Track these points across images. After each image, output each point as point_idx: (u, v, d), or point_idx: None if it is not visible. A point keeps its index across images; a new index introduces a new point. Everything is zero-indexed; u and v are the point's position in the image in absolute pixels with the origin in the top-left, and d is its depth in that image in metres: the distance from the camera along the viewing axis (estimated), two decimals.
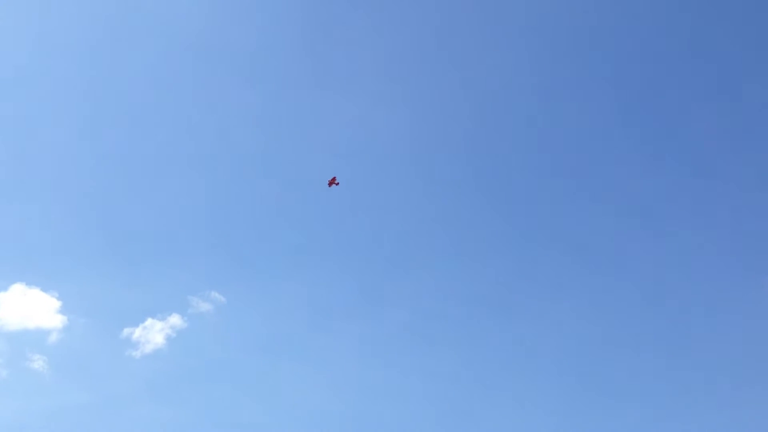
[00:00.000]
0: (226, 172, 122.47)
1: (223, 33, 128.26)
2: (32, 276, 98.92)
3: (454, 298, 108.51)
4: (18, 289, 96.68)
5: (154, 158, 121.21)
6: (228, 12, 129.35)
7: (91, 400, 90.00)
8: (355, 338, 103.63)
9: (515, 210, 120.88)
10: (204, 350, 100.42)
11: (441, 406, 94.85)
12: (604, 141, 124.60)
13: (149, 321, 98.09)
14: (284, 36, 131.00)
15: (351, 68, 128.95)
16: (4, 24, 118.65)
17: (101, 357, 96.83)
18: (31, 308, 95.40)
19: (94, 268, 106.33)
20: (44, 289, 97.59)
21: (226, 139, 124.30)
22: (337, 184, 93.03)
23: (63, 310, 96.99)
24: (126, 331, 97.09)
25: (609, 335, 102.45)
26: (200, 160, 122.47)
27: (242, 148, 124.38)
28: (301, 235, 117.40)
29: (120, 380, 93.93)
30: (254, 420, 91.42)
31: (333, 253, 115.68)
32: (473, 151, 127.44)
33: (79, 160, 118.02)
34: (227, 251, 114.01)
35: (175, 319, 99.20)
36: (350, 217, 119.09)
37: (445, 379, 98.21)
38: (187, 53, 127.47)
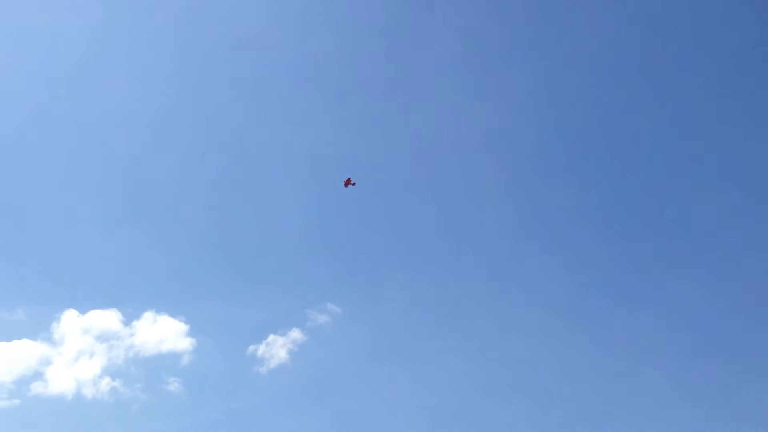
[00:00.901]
0: (328, 184, 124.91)
1: (311, 44, 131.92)
2: (160, 303, 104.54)
3: (566, 292, 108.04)
4: (149, 316, 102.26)
5: (258, 178, 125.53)
6: (312, 23, 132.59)
7: (224, 417, 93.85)
8: (473, 338, 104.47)
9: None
10: (326, 361, 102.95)
11: (564, 404, 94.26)
12: None
13: (271, 337, 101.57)
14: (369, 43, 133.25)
15: (438, 69, 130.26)
16: (120, 58, 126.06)
17: (230, 375, 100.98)
18: (162, 334, 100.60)
19: (214, 291, 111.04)
20: (172, 315, 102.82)
21: (324, 149, 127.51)
22: (353, 184, 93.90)
23: (191, 333, 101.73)
24: (251, 348, 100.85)
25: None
26: (302, 175, 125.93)
27: (341, 158, 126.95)
28: (410, 241, 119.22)
29: (249, 396, 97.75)
30: (380, 427, 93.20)
31: (443, 256, 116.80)
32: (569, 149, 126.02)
33: (188, 187, 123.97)
34: (338, 263, 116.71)
35: (296, 334, 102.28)
36: (456, 220, 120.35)
37: (559, 375, 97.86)
38: (276, 68, 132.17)
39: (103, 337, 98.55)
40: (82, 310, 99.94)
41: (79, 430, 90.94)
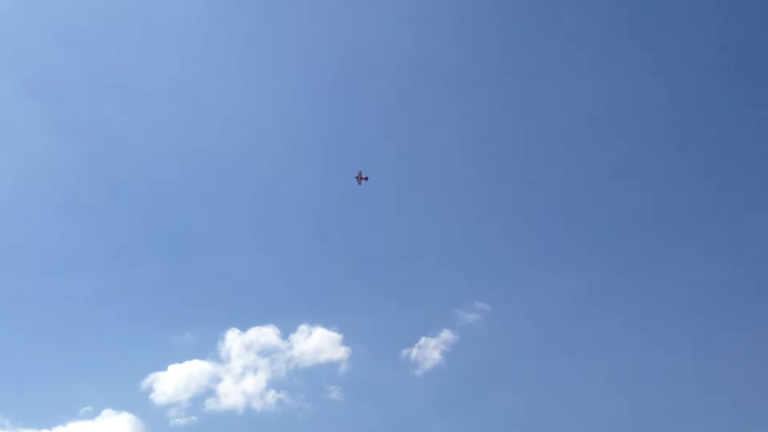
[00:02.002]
0: (466, 183, 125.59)
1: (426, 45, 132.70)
2: (313, 316, 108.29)
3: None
4: (304, 329, 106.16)
5: (391, 184, 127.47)
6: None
7: (386, 421, 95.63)
8: (624, 326, 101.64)
9: None
10: (480, 360, 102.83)
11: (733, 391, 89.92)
12: None
13: (423, 339, 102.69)
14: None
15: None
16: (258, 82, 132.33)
17: (387, 380, 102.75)
18: (318, 345, 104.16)
19: (363, 300, 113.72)
20: (325, 326, 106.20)
21: (453, 151, 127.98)
22: (366, 179, 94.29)
23: (345, 342, 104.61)
24: (404, 352, 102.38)
25: None
26: (436, 177, 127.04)
27: (472, 158, 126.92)
28: (546, 232, 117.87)
29: (408, 399, 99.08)
30: (541, 423, 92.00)
31: (584, 245, 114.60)
32: None
33: (325, 202, 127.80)
34: (483, 261, 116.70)
35: (447, 334, 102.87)
36: (593, 211, 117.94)
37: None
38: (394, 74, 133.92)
39: (265, 352, 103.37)
40: (243, 329, 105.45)
41: None
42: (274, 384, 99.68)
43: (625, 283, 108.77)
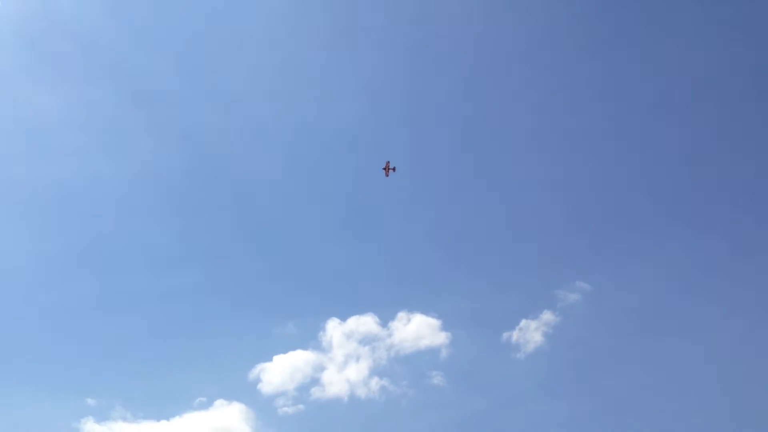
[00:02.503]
0: (556, 160, 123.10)
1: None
2: (411, 303, 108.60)
3: None
4: (402, 316, 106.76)
5: (482, 163, 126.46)
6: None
7: (491, 405, 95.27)
8: (737, 302, 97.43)
9: None
10: (583, 341, 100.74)
11: None
12: None
13: (523, 322, 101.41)
14: None
15: None
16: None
17: (489, 364, 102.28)
18: (418, 331, 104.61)
19: (460, 284, 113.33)
20: (424, 312, 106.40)
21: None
22: (393, 169, 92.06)
23: (444, 328, 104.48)
24: (504, 335, 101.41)
25: None
26: (526, 156, 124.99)
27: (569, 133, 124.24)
28: (644, 207, 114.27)
29: (511, 382, 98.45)
30: (649, 403, 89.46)
31: (686, 219, 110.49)
32: None
33: (412, 191, 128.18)
34: (581, 240, 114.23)
35: (548, 316, 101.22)
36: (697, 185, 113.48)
37: None
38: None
39: (365, 341, 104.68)
40: (343, 318, 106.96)
41: (359, 429, 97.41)
42: (376, 371, 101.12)
43: (737, 256, 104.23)
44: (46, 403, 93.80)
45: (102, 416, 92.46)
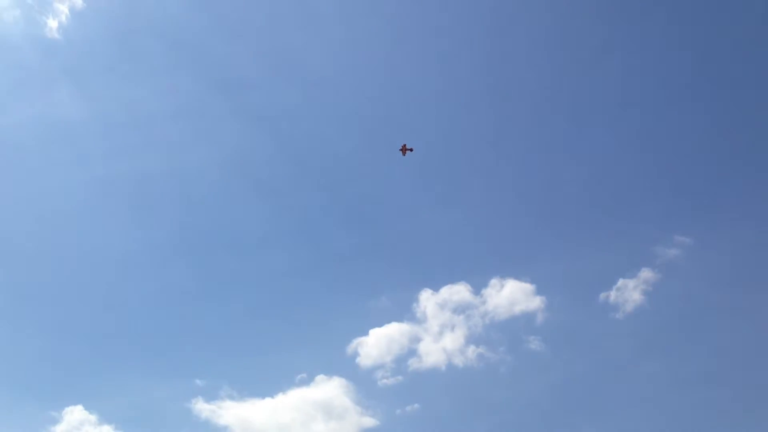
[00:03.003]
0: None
1: None
2: (503, 269, 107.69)
3: None
4: (495, 283, 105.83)
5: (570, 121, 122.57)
6: None
7: (591, 368, 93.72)
8: None
9: None
10: (686, 297, 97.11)
11: None
12: None
13: (621, 281, 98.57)
14: None
15: None
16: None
17: (587, 325, 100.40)
18: (511, 297, 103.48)
19: (552, 246, 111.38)
20: (516, 278, 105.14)
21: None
22: (411, 150, 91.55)
23: (539, 292, 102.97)
24: (601, 296, 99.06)
25: None
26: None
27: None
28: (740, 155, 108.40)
29: (611, 343, 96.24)
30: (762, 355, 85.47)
31: None
32: None
33: (495, 148, 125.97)
34: (679, 192, 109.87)
35: (647, 273, 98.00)
36: None
37: None
38: None
39: (459, 309, 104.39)
40: (435, 288, 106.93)
41: (459, 397, 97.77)
42: (472, 339, 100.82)
43: None
44: (158, 385, 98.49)
45: (210, 396, 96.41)
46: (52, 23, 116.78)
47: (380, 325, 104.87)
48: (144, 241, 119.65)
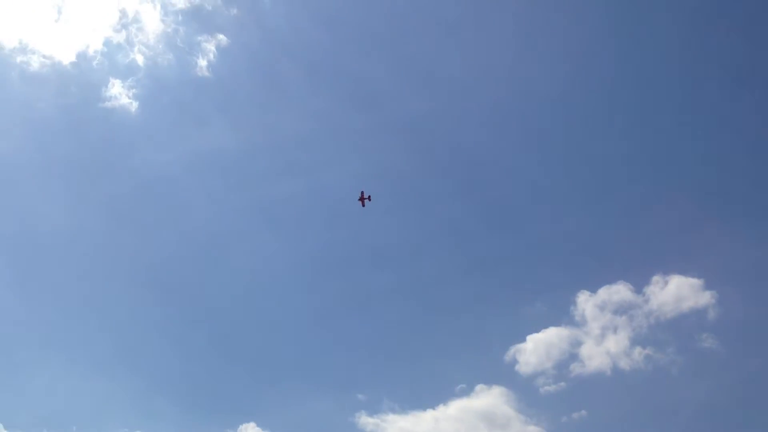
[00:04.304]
0: None
1: None
2: (665, 264, 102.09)
3: None
4: (657, 280, 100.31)
5: None
6: None
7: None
8: None
9: None
10: None
11: None
12: None
13: None
14: None
15: None
16: None
17: (765, 320, 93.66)
18: (677, 294, 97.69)
19: (717, 237, 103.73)
20: (681, 273, 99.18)
21: None
22: (369, 198, 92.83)
23: (708, 287, 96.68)
24: None
25: None
26: None
27: None
28: None
29: None
30: None
31: None
32: None
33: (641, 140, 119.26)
34: None
35: None
36: None
37: None
38: None
39: (621, 310, 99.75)
40: (593, 290, 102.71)
41: (628, 402, 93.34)
42: (637, 341, 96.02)
43: None
44: (322, 400, 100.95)
45: (373, 409, 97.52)
46: (202, 62, 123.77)
47: (537, 330, 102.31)
48: (297, 259, 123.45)
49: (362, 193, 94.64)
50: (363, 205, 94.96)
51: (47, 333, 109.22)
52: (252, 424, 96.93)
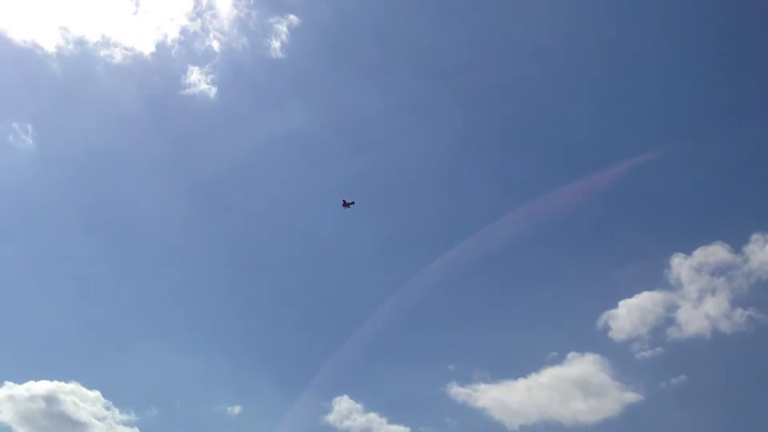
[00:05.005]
0: None
1: None
2: (765, 222, 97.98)
3: None
4: (758, 238, 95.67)
5: None
6: None
7: None
8: None
9: None
10: None
11: None
12: None
13: None
14: None
15: None
16: None
17: None
18: None
19: None
20: None
21: None
22: (353, 203, 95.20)
23: None
24: None
25: None
26: None
27: None
28: None
29: None
30: None
31: None
32: None
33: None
34: None
35: None
36: None
37: None
38: None
39: (719, 271, 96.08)
40: (687, 251, 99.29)
41: (730, 365, 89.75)
42: (738, 302, 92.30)
43: None
44: (413, 373, 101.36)
45: (464, 380, 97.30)
46: (275, 44, 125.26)
47: (630, 295, 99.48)
48: (382, 235, 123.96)
49: (344, 201, 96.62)
50: (346, 207, 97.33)
51: (147, 316, 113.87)
52: (345, 397, 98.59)
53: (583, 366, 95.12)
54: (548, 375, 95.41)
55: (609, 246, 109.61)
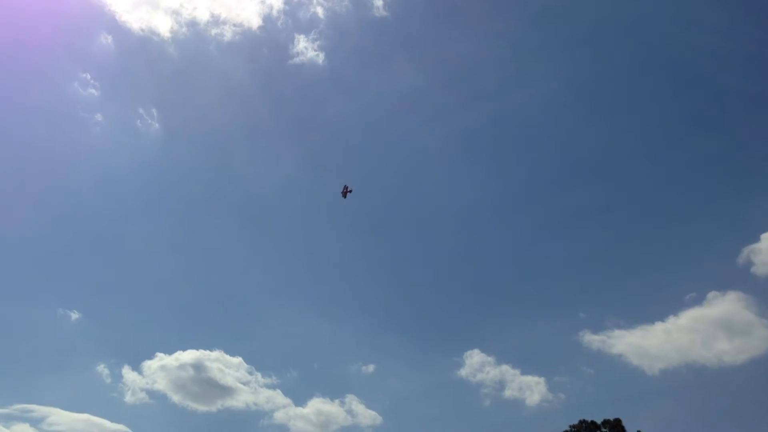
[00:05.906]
0: None
1: None
2: None
3: None
4: None
5: None
6: None
7: None
8: None
9: None
10: None
11: None
12: None
13: None
14: None
15: None
16: None
17: None
18: None
19: None
20: None
21: None
22: (351, 191, 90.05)
23: None
24: None
25: None
26: None
27: None
28: None
29: None
30: None
31: None
32: None
33: None
34: None
35: None
36: None
37: None
38: None
39: None
40: None
41: None
42: None
43: None
44: (543, 323, 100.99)
45: (596, 327, 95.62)
46: (378, 2, 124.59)
47: None
48: (497, 187, 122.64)
49: (345, 187, 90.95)
50: (344, 196, 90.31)
51: (279, 285, 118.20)
52: (476, 351, 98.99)
53: (725, 305, 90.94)
54: (688, 317, 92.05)
55: (748, 176, 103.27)
